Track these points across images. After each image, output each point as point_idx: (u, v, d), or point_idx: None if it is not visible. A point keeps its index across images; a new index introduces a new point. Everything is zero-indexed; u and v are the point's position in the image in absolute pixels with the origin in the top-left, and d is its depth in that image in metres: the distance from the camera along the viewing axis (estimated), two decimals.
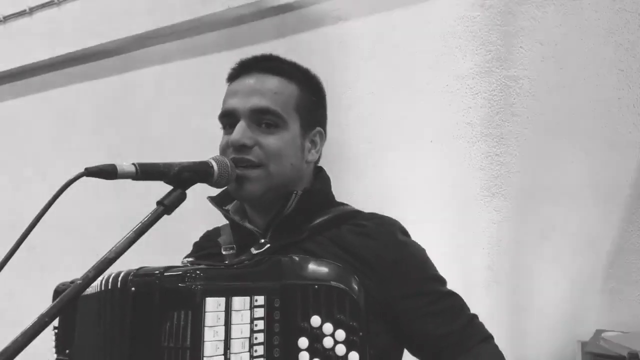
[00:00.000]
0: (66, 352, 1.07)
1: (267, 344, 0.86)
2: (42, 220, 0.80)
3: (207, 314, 0.82)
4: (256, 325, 0.86)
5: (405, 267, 1.03)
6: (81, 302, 1.00)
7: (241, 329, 0.84)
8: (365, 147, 2.22)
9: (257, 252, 1.02)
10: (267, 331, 0.87)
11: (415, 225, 1.16)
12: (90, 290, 0.94)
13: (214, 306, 0.83)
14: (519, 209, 1.97)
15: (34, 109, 3.10)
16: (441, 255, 2.02)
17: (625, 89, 1.85)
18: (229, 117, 1.07)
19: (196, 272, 0.85)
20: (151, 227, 0.84)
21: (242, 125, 1.03)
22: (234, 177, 1.00)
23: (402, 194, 2.13)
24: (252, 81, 1.07)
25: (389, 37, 2.22)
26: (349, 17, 2.30)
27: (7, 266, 0.79)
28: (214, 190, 1.05)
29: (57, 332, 1.12)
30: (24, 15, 3.11)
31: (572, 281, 1.86)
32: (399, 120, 2.18)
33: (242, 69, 1.11)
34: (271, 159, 1.03)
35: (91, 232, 2.76)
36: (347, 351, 0.86)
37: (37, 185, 2.92)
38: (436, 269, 1.10)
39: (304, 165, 1.11)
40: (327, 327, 0.87)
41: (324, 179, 1.16)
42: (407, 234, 1.11)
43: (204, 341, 0.81)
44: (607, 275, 1.83)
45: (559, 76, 1.94)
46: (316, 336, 0.87)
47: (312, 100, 1.13)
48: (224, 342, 0.83)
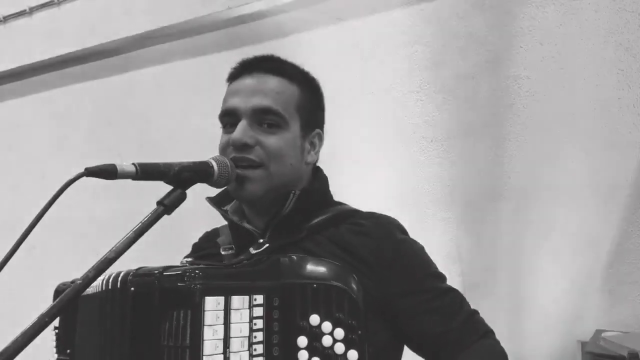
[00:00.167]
0: (67, 352, 1.07)
1: (266, 342, 0.86)
2: (42, 220, 0.80)
3: (206, 313, 0.82)
4: (255, 324, 0.86)
5: (403, 265, 1.03)
6: (82, 302, 1.00)
7: (240, 327, 0.85)
8: (365, 147, 2.22)
9: (256, 251, 1.02)
10: (266, 330, 0.87)
11: (415, 225, 1.16)
12: (90, 290, 0.95)
13: (213, 305, 0.83)
14: (519, 209, 1.97)
15: (34, 109, 3.10)
16: (442, 255, 2.02)
17: (625, 89, 1.85)
18: (230, 116, 1.07)
19: (195, 272, 0.85)
20: (151, 227, 0.84)
21: (243, 124, 1.03)
22: (234, 177, 1.00)
23: (402, 194, 2.14)
24: (254, 81, 1.07)
25: (389, 37, 2.22)
26: (348, 17, 2.30)
27: (7, 266, 0.79)
28: (215, 190, 1.05)
29: (57, 332, 1.12)
30: (24, 15, 3.12)
31: (572, 281, 1.86)
32: (399, 120, 2.18)
33: (243, 69, 1.11)
34: (272, 159, 1.03)
35: (91, 232, 2.76)
36: (346, 349, 0.86)
37: (37, 185, 2.92)
38: (435, 266, 1.10)
39: (303, 166, 1.11)
40: (326, 326, 0.87)
41: (321, 179, 1.16)
42: (405, 232, 1.11)
43: (203, 340, 0.81)
44: (607, 275, 1.83)
45: (559, 76, 1.94)
46: (315, 335, 0.87)
47: (312, 101, 1.13)
48: (223, 340, 0.83)
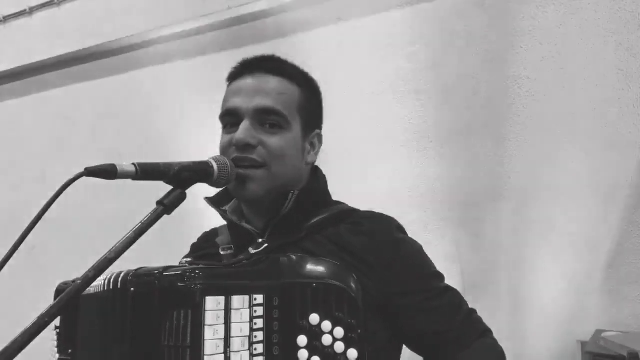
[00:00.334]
0: (68, 352, 1.07)
1: (267, 342, 0.86)
2: (42, 220, 0.80)
3: (206, 312, 0.82)
4: (256, 323, 0.86)
5: (402, 265, 1.03)
6: (83, 302, 1.00)
7: (241, 327, 0.85)
8: (365, 146, 2.22)
9: (256, 251, 1.02)
10: (267, 329, 0.87)
11: (415, 225, 1.16)
12: (91, 290, 0.95)
13: (214, 305, 0.83)
14: (519, 209, 1.97)
15: (34, 109, 3.10)
16: (442, 255, 2.02)
17: (625, 89, 1.85)
18: (231, 116, 1.06)
19: (195, 272, 0.85)
20: (151, 227, 0.84)
21: (246, 124, 1.03)
22: (234, 177, 1.00)
23: (402, 194, 2.14)
24: (255, 81, 1.06)
25: (389, 37, 2.22)
26: (349, 18, 2.30)
27: (7, 266, 0.79)
28: (215, 190, 1.05)
29: (59, 332, 1.12)
30: (24, 15, 3.12)
31: (572, 281, 1.86)
32: (399, 120, 2.18)
33: (244, 69, 1.10)
34: (274, 159, 1.03)
35: (91, 232, 2.76)
36: (346, 348, 0.86)
37: (37, 185, 2.92)
38: (434, 266, 1.10)
39: (303, 166, 1.11)
40: (326, 325, 0.87)
41: (320, 178, 1.16)
42: (404, 231, 1.11)
43: (204, 340, 0.81)
44: (607, 275, 1.83)
45: (559, 76, 1.94)
46: (315, 334, 0.87)
47: (312, 102, 1.13)
48: (224, 340, 0.83)
